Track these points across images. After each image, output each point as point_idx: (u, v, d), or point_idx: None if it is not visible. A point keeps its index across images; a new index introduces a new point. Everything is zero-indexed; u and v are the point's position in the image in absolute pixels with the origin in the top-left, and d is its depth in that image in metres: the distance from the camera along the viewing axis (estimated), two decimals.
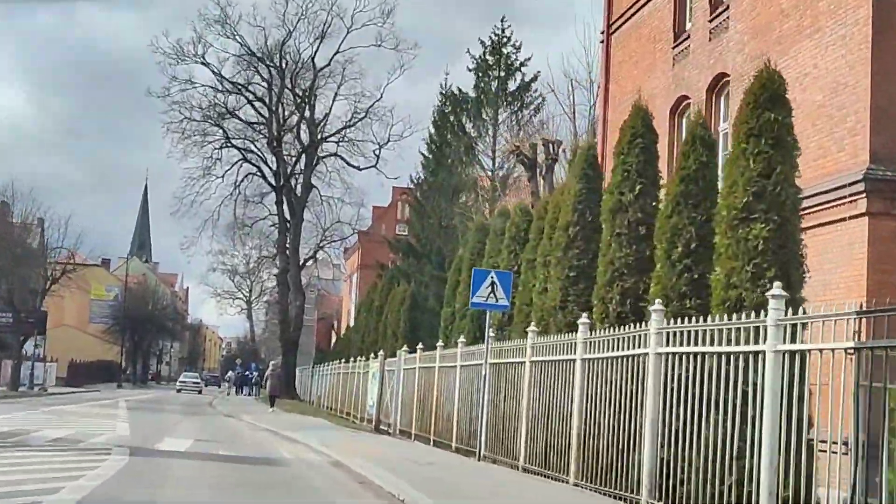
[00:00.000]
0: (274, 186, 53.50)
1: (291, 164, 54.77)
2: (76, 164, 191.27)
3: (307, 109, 54.19)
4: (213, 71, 53.07)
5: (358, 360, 32.70)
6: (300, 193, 54.05)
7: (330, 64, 53.10)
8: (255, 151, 54.09)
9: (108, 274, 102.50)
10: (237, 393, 64.90)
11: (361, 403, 30.02)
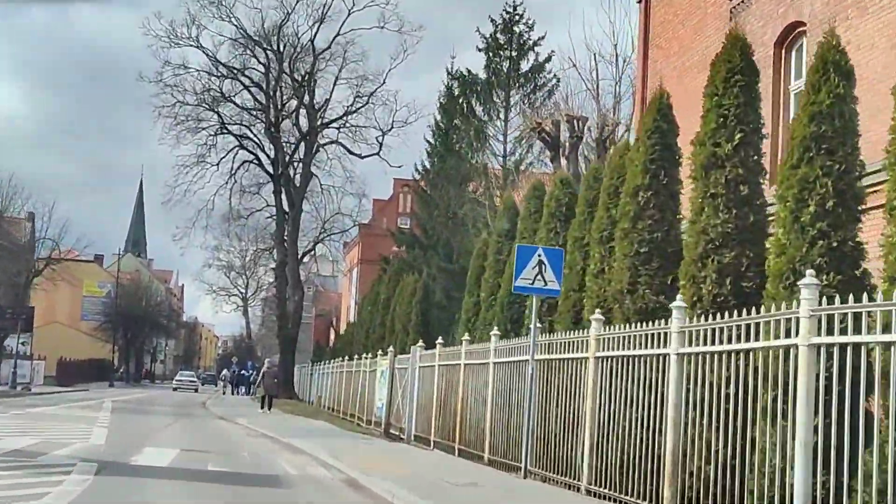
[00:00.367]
0: (272, 175, 50.50)
1: (290, 152, 51.95)
2: (72, 161, 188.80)
3: (306, 94, 51.36)
4: (207, 55, 50.25)
5: (363, 357, 30.18)
6: (299, 183, 51.24)
7: (330, 46, 50.32)
8: (251, 138, 51.14)
9: (101, 270, 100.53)
10: (233, 392, 62.26)
11: (368, 405, 27.51)
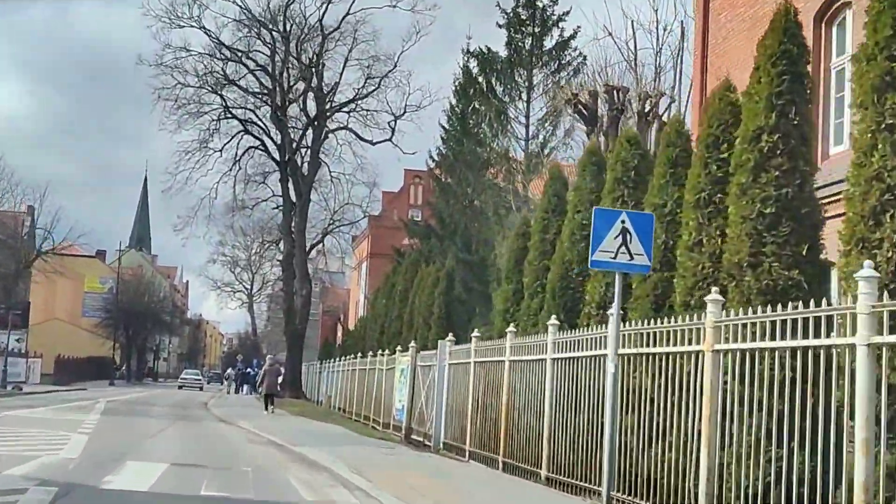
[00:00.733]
0: (278, 162, 47.54)
1: (297, 138, 49.09)
2: (73, 161, 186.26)
3: (314, 78, 48.50)
4: (210, 36, 47.41)
5: (378, 354, 27.55)
6: (307, 171, 48.43)
7: (340, 26, 47.39)
8: (257, 123, 48.11)
9: (103, 265, 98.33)
10: (237, 391, 59.63)
11: (385, 406, 24.92)
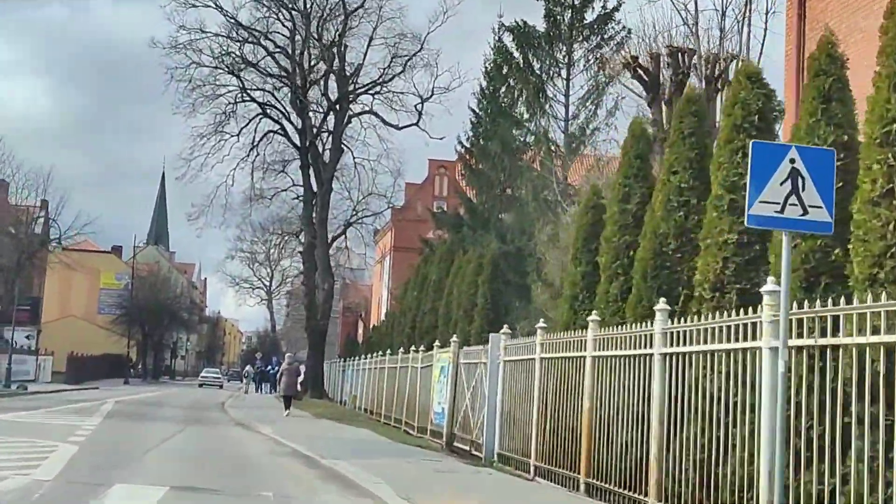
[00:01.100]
0: (298, 147, 44.81)
1: (318, 124, 46.33)
2: (93, 158, 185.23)
3: (336, 59, 45.74)
4: (226, 16, 44.84)
5: (411, 350, 24.86)
6: (329, 158, 45.66)
7: (364, 3, 44.70)
8: (276, 106, 45.39)
9: (119, 262, 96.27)
10: (257, 390, 57.06)
11: (420, 409, 22.29)
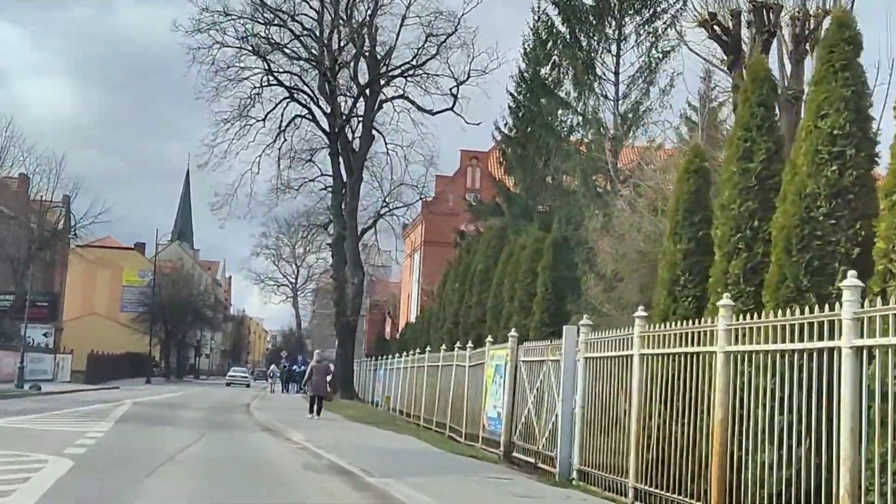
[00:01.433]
0: (328, 133, 42.26)
1: (346, 111, 43.64)
2: (117, 156, 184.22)
3: (367, 40, 43.14)
4: None
5: (456, 348, 22.37)
6: (359, 145, 43.07)
7: None
8: (303, 90, 42.83)
9: (142, 259, 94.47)
10: (283, 390, 54.68)
11: (468, 413, 19.86)
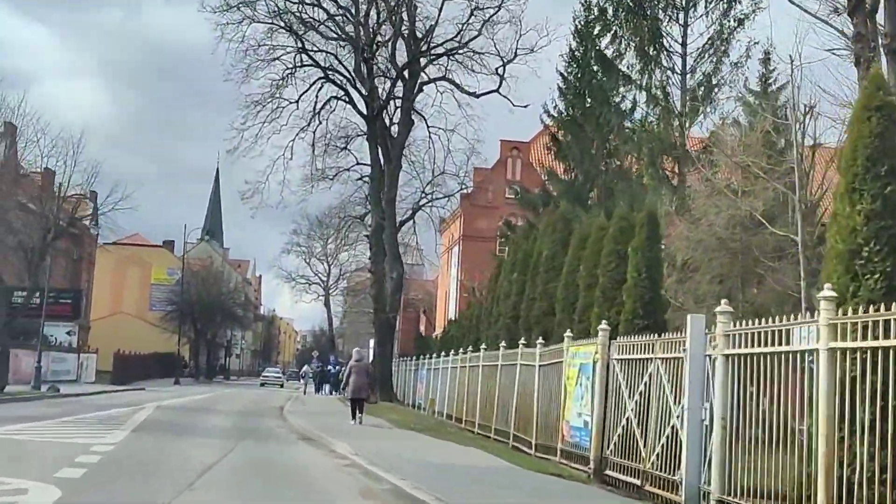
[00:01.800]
0: (365, 116, 39.39)
1: (385, 92, 40.76)
2: (147, 157, 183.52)
3: (406, 19, 40.22)
4: None
5: (520, 345, 19.53)
6: (398, 131, 40.17)
7: None
8: (339, 71, 39.98)
9: (171, 257, 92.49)
10: (317, 391, 52.01)
11: (541, 421, 16.94)
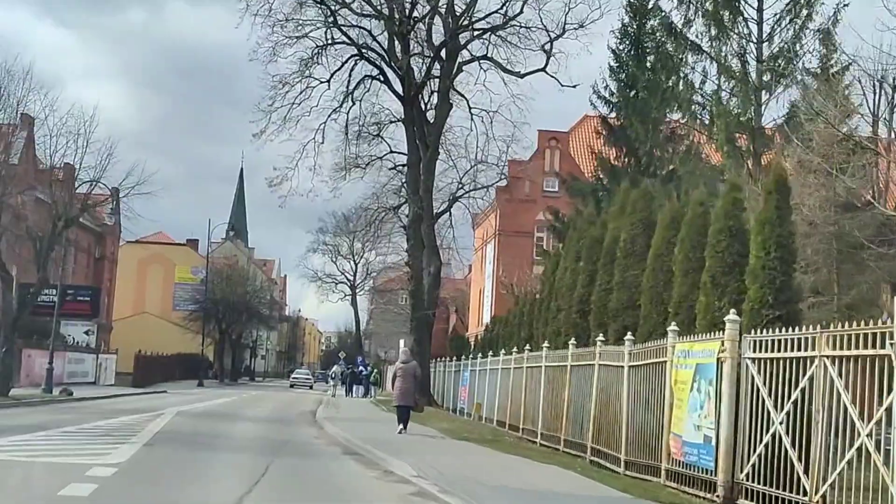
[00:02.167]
0: (402, 97, 36.48)
1: (423, 74, 37.77)
2: (171, 159, 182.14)
3: None
4: None
5: (597, 343, 16.74)
6: (435, 116, 37.21)
7: None
8: (373, 48, 36.95)
9: (195, 255, 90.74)
10: (347, 393, 49.37)
11: (631, 434, 14.21)
